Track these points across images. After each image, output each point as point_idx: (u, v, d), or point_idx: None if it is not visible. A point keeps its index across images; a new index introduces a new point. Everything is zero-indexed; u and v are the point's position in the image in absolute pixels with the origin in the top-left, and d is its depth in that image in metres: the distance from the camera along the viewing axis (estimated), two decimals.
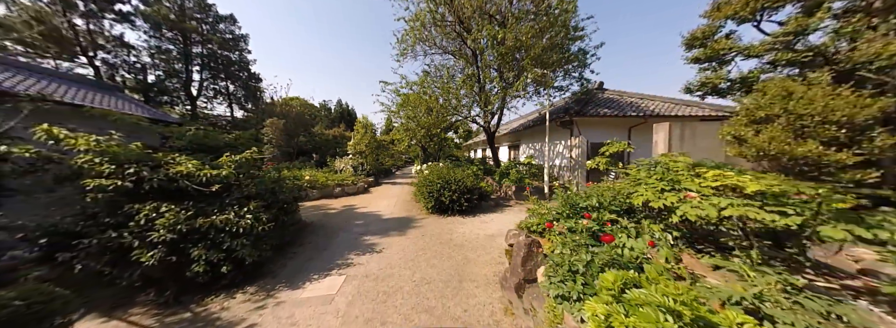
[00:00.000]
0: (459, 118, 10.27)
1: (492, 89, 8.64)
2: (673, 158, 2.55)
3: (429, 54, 10.61)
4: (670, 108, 8.36)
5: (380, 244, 4.38)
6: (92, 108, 3.31)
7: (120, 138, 2.85)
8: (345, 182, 10.27)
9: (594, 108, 8.26)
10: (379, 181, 14.03)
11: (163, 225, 2.61)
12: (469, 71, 8.15)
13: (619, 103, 8.80)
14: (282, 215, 4.00)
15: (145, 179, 2.74)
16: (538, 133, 11.25)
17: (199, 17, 18.20)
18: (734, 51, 6.98)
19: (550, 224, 2.50)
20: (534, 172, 8.98)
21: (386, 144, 16.23)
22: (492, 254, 3.80)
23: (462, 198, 6.14)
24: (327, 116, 33.49)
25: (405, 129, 10.28)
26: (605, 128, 8.26)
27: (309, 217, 6.41)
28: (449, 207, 6.15)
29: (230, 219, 2.89)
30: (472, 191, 6.43)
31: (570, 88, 9.07)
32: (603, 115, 7.80)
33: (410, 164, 31.54)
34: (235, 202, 3.19)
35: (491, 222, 5.53)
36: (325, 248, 4.25)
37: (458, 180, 6.35)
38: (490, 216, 6.07)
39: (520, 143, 14.08)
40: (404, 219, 6.00)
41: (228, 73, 20.21)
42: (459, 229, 5.11)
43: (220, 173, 3.08)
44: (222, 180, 3.13)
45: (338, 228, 5.40)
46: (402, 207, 7.43)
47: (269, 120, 14.56)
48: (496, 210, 6.68)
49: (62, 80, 10.14)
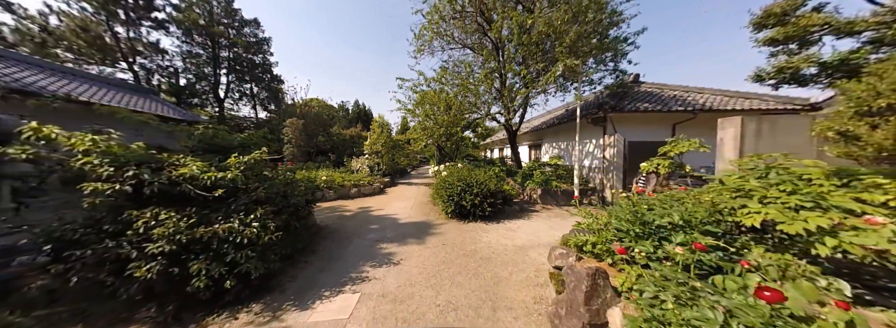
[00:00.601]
0: (479, 116, 9.75)
1: (514, 84, 8.05)
2: (793, 162, 1.91)
3: (446, 49, 10.18)
4: (723, 101, 7.37)
5: (397, 254, 3.99)
6: (101, 107, 3.15)
7: (120, 137, 2.63)
8: (361, 182, 10.08)
9: (632, 102, 7.45)
10: (395, 181, 13.81)
11: (161, 234, 2.34)
12: (490, 65, 7.60)
13: (660, 97, 7.90)
14: (293, 221, 3.71)
15: (146, 183, 2.50)
16: (563, 131, 10.49)
17: (226, 22, 18.92)
18: (829, 27, 5.80)
19: (623, 250, 1.92)
20: (560, 174, 8.29)
21: (401, 144, 16.03)
22: (526, 271, 3.28)
23: (485, 203, 5.64)
24: (345, 117, 34.03)
25: (422, 127, 9.90)
26: (645, 124, 7.43)
27: (324, 220, 6.17)
28: (470, 212, 5.67)
29: (235, 227, 2.59)
30: (496, 194, 5.91)
31: (602, 81, 8.27)
32: (643, 111, 6.99)
33: (425, 163, 31.35)
34: (242, 208, 2.90)
35: (518, 230, 5.00)
36: (339, 258, 3.91)
37: (481, 183, 5.86)
38: (516, 223, 5.52)
39: (541, 142, 13.32)
40: (422, 225, 5.59)
41: (253, 76, 20.91)
42: (484, 238, 4.62)
43: (226, 176, 2.80)
44: (228, 184, 2.85)
45: (352, 233, 5.08)
46: (419, 210, 7.05)
47: (288, 120, 14.76)
48: (521, 216, 6.12)
49: (103, 84, 10.83)
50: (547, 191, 7.30)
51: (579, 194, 7.23)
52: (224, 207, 2.85)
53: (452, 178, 6.14)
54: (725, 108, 6.86)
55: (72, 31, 13.10)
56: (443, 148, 15.32)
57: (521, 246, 4.18)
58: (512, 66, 7.07)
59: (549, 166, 8.73)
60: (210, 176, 2.71)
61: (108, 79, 11.77)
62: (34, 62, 9.25)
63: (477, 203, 5.59)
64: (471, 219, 5.73)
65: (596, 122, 7.79)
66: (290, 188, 3.98)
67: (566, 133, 10.26)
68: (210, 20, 17.78)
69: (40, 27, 12.46)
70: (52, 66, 9.68)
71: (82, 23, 13.56)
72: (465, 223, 5.61)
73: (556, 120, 10.84)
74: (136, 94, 11.94)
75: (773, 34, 6.23)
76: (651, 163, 3.30)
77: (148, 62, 16.97)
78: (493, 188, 5.85)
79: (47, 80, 8.48)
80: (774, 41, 6.24)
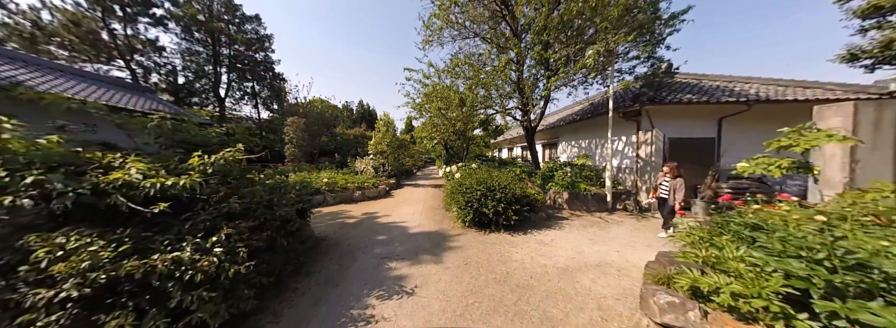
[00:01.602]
0: (494, 112, 8.92)
1: (534, 75, 7.20)
2: None
3: (457, 40, 9.37)
4: (780, 91, 6.41)
5: (410, 277, 3.18)
6: (23, 92, 2.39)
7: (18, 127, 1.86)
8: (365, 185, 9.32)
9: (672, 93, 6.53)
10: (400, 183, 13.05)
11: (68, 272, 1.57)
12: (507, 56, 6.74)
13: (701, 88, 6.97)
14: (280, 237, 2.92)
15: (55, 193, 1.73)
16: (584, 129, 9.59)
17: (227, 18, 18.37)
18: None
19: None
20: (586, 175, 7.40)
21: (407, 144, 15.28)
22: (587, 311, 2.44)
23: (509, 211, 4.81)
24: (349, 117, 33.44)
25: (433, 124, 9.08)
26: (687, 119, 6.51)
27: (324, 228, 5.41)
28: (492, 221, 4.84)
29: (183, 258, 1.80)
30: (520, 200, 5.07)
31: (632, 71, 7.36)
32: (687, 103, 6.07)
33: (430, 164, 30.55)
34: (202, 227, 2.12)
35: (553, 245, 4.15)
36: (339, 282, 3.12)
37: (503, 187, 5.02)
38: (546, 234, 4.68)
39: (558, 140, 12.42)
40: (436, 236, 4.78)
41: (254, 74, 20.35)
42: (514, 255, 3.79)
43: (178, 183, 2.02)
44: (182, 193, 2.07)
45: (356, 247, 4.29)
46: (430, 217, 6.24)
47: (290, 119, 14.10)
48: (550, 225, 5.27)
49: (96, 81, 10.31)
50: (575, 194, 6.43)
51: (612, 198, 6.35)
52: (177, 227, 2.07)
53: (470, 181, 5.32)
54: (785, 99, 5.92)
55: (65, 27, 12.61)
56: (451, 147, 14.52)
57: (565, 268, 3.34)
58: (537, 50, 6.14)
59: (571, 166, 7.85)
60: (154, 182, 1.94)
61: (101, 76, 11.21)
62: (18, 57, 8.76)
63: (500, 210, 4.76)
64: (492, 229, 4.90)
65: (628, 117, 6.90)
66: (278, 195, 3.20)
67: (588, 130, 9.37)
68: (210, 16, 17.24)
69: (32, 22, 12.00)
70: (39, 61, 9.17)
71: (76, 18, 13.07)
72: (486, 234, 4.78)
73: (576, 116, 9.94)
74: (131, 92, 11.40)
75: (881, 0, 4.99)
76: (757, 162, 2.39)
77: (145, 60, 16.48)
78: (519, 193, 5.02)
79: (30, 75, 7.95)
80: (878, 9, 5.06)
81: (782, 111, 6.25)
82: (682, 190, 4.28)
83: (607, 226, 5.21)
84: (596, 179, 7.45)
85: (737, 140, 6.39)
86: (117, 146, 2.72)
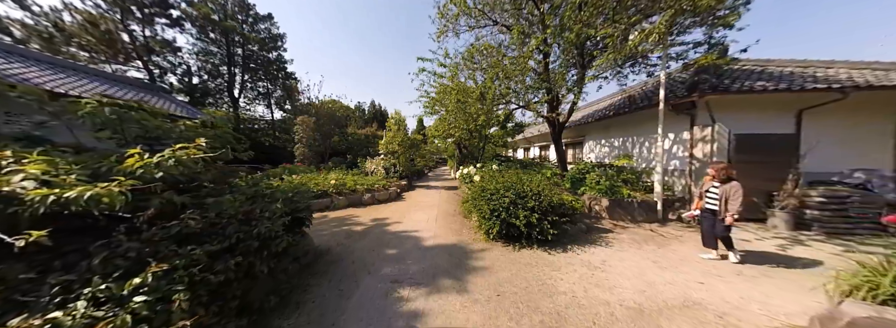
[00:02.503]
0: (517, 106, 8.04)
1: (567, 62, 6.27)
2: None
3: (475, 29, 8.57)
4: (882, 76, 5.18)
5: (428, 315, 2.41)
6: None
7: None
8: (375, 186, 8.68)
9: (739, 81, 5.44)
10: (412, 184, 12.38)
11: None
12: (538, 37, 5.84)
13: (772, 75, 5.82)
14: (261, 261, 2.23)
15: None
16: (617, 125, 8.53)
17: (241, 18, 18.41)
18: None
19: None
20: (625, 178, 6.38)
21: (418, 143, 14.61)
22: None
23: (545, 222, 3.95)
24: (361, 117, 33.32)
25: (448, 122, 8.30)
26: (756, 111, 5.40)
27: (327, 238, 4.74)
28: (524, 234, 4.00)
29: (61, 324, 1.09)
30: (557, 209, 4.20)
31: (681, 58, 6.27)
32: (761, 91, 4.98)
33: (442, 164, 29.80)
34: (120, 260, 1.43)
35: (607, 269, 3.26)
36: (335, 320, 2.39)
37: (537, 193, 4.17)
38: (593, 253, 3.79)
39: (583, 139, 11.35)
40: (456, 251, 3.99)
41: (267, 73, 20.34)
42: (559, 282, 2.95)
43: (87, 194, 1.33)
44: (96, 208, 1.38)
45: (361, 265, 3.57)
46: (446, 225, 5.47)
47: (299, 117, 13.75)
48: (594, 239, 4.36)
49: (113, 82, 10.37)
50: (616, 202, 5.46)
51: (663, 207, 5.35)
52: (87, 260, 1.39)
53: (495, 185, 4.50)
54: (892, 84, 4.72)
55: (83, 28, 12.80)
56: (465, 146, 13.70)
57: (638, 308, 2.46)
58: (576, 29, 5.11)
59: (606, 167, 6.84)
60: (46, 194, 1.26)
61: (117, 76, 11.25)
62: (44, 59, 8.81)
63: (534, 222, 3.91)
64: (523, 244, 4.06)
65: (679, 110, 5.85)
66: (261, 205, 2.51)
67: (623, 127, 8.31)
68: (224, 15, 17.27)
69: (53, 24, 12.26)
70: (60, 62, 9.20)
71: (96, 20, 13.26)
72: (516, 250, 3.95)
73: (607, 111, 8.89)
74: (147, 91, 11.38)
75: None
76: None
77: (162, 60, 16.69)
78: (556, 201, 4.15)
79: (47, 75, 7.91)
80: None
81: (876, 101, 5.05)
82: (737, 197, 3.20)
83: (666, 242, 4.24)
84: (637, 183, 6.43)
85: (821, 136, 5.23)
86: (85, 146, 2.11)
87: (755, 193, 5.04)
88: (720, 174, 3.38)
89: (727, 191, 3.28)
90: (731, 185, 3.28)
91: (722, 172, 3.37)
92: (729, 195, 3.25)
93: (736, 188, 3.25)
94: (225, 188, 2.45)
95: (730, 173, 3.37)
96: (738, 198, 3.19)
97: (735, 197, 3.21)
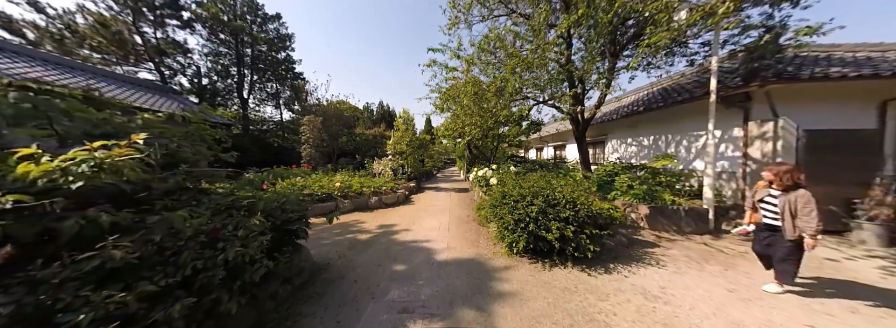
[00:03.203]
0: (534, 102, 7.37)
1: (595, 49, 5.55)
2: None
3: (488, 19, 7.96)
4: None
5: None
6: None
7: None
8: (382, 189, 8.19)
9: (806, 68, 4.62)
10: (421, 186, 11.86)
11: None
12: (567, 19, 5.15)
13: (844, 61, 4.95)
14: (231, 297, 1.69)
15: None
16: (648, 121, 7.72)
17: (250, 18, 18.37)
18: None
19: None
20: (663, 181, 5.60)
21: (427, 143, 14.08)
22: None
23: (582, 236, 3.29)
24: (369, 118, 33.15)
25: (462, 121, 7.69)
26: (825, 102, 4.56)
27: (328, 249, 4.22)
28: (556, 250, 3.35)
29: None
30: (595, 219, 3.53)
31: (727, 44, 5.44)
32: (838, 78, 4.16)
33: (450, 164, 29.20)
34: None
35: (670, 299, 2.58)
36: None
37: (571, 200, 3.52)
38: (644, 275, 3.11)
39: (606, 137, 10.54)
40: (475, 269, 3.39)
41: (275, 74, 20.29)
42: (614, 320, 2.30)
43: None
44: None
45: (364, 287, 3.02)
46: (460, 234, 4.88)
47: (306, 117, 13.44)
48: (639, 256, 3.67)
49: (123, 82, 10.36)
50: (658, 209, 4.73)
51: (715, 215, 4.58)
52: None
53: (520, 191, 3.86)
54: None
55: (95, 31, 12.89)
56: (476, 146, 13.06)
57: None
58: (619, 3, 4.35)
59: (635, 170, 6.08)
60: None
61: (128, 77, 11.22)
62: (52, 59, 8.79)
63: (569, 235, 3.26)
64: (556, 261, 3.42)
65: (730, 103, 5.06)
66: (236, 220, 1.98)
67: (654, 123, 7.50)
68: (233, 15, 17.24)
69: (65, 26, 12.41)
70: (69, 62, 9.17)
71: (108, 22, 13.35)
72: (547, 269, 3.31)
73: (635, 106, 8.08)
74: (157, 92, 11.32)
75: None
76: None
77: (172, 62, 16.78)
78: (596, 210, 3.48)
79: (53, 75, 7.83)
80: None
81: None
82: (810, 210, 2.37)
83: (730, 261, 3.51)
84: (675, 187, 5.65)
85: None
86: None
87: (831, 200, 4.22)
88: (783, 179, 2.53)
89: (793, 202, 2.46)
90: (798, 195, 2.45)
91: (785, 177, 2.52)
92: (797, 207, 2.43)
93: (805, 198, 2.41)
94: (189, 200, 1.94)
95: (797, 178, 2.51)
96: (811, 213, 2.36)
97: (805, 210, 2.38)
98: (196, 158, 2.43)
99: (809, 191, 2.46)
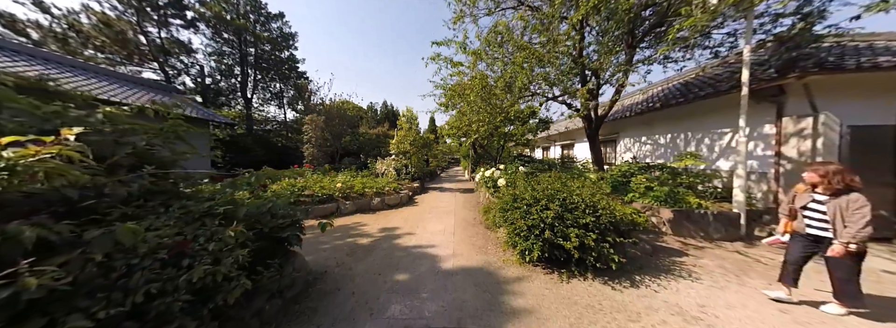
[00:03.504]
0: (544, 99, 7.01)
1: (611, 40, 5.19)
2: None
3: (494, 12, 7.63)
4: None
5: None
6: None
7: None
8: (385, 189, 7.92)
9: (849, 57, 4.19)
10: (425, 186, 11.58)
11: None
12: (580, 12, 4.79)
13: (888, 50, 4.49)
14: (197, 327, 1.40)
15: None
16: (664, 118, 7.30)
17: (253, 17, 18.29)
18: None
19: None
20: (684, 182, 5.20)
21: (431, 142, 13.80)
22: None
23: (604, 244, 2.95)
24: (373, 117, 33.06)
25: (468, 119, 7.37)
26: (865, 96, 4.12)
27: (326, 254, 3.95)
28: (575, 259, 3.01)
29: None
30: (617, 225, 3.18)
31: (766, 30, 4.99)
32: (889, 68, 3.73)
33: (455, 164, 28.88)
34: None
35: (716, 322, 2.23)
36: None
37: (592, 204, 3.17)
38: (677, 289, 2.75)
39: (617, 135, 10.12)
40: (484, 279, 3.08)
41: (279, 73, 20.21)
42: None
43: None
44: None
45: (362, 300, 2.73)
46: (466, 239, 4.57)
47: (308, 116, 13.26)
48: (667, 266, 3.31)
49: (126, 82, 10.29)
50: (684, 213, 4.34)
51: (747, 220, 4.19)
52: None
53: (534, 194, 3.53)
54: None
55: (98, 30, 12.89)
56: (481, 145, 12.71)
57: None
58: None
59: (654, 170, 5.68)
60: None
61: (132, 77, 11.16)
62: (53, 58, 8.73)
63: (590, 244, 2.92)
64: (574, 272, 3.08)
65: (761, 97, 4.65)
66: (209, 230, 1.69)
67: (672, 120, 7.08)
68: (236, 14, 17.17)
69: (69, 25, 12.42)
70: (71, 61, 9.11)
71: (112, 21, 13.34)
72: (566, 281, 2.98)
73: (651, 102, 7.66)
74: (161, 92, 11.25)
75: None
76: None
77: (177, 61, 16.78)
78: (619, 215, 3.13)
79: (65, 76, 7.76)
80: None
81: None
82: (862, 217, 2.01)
83: (771, 272, 3.13)
84: (700, 189, 5.25)
85: None
86: None
87: (880, 204, 3.79)
88: (833, 182, 2.15)
89: (841, 208, 2.09)
90: (850, 198, 2.08)
91: (836, 179, 2.15)
92: (845, 214, 2.07)
93: (860, 203, 2.04)
94: (157, 207, 1.66)
95: (850, 180, 2.14)
96: (862, 219, 1.98)
97: (856, 217, 2.01)
98: (173, 158, 2.17)
99: (864, 197, 2.08)
